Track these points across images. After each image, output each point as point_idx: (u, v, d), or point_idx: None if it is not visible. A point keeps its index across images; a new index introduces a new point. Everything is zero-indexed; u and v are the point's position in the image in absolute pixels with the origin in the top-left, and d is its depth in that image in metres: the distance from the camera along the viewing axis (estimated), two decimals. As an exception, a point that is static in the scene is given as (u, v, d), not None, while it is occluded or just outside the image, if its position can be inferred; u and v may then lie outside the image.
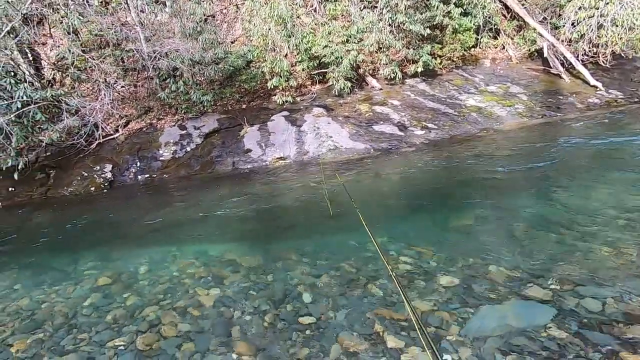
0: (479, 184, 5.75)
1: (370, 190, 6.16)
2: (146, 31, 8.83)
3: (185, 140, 9.00)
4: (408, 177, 6.50)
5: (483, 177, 6.01)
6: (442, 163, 6.88)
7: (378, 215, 5.19)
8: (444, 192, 5.70)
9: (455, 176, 6.22)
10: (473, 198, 5.31)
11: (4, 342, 3.15)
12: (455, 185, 5.85)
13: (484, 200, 5.15)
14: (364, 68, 10.70)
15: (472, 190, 5.59)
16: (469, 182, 5.88)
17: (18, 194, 7.95)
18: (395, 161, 7.40)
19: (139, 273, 4.18)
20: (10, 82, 7.27)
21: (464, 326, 2.83)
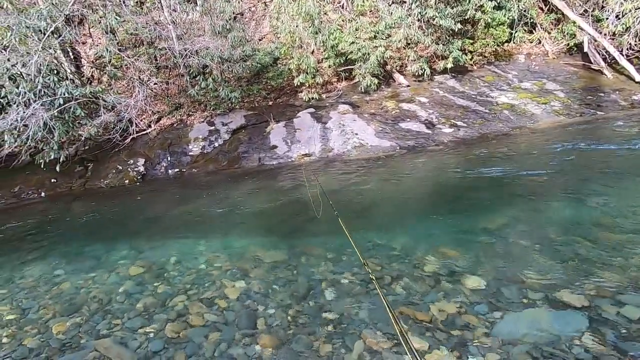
0: (511, 185, 5.55)
1: (395, 189, 6.08)
2: (178, 29, 9.10)
3: (214, 136, 9.22)
4: (434, 176, 6.36)
5: (515, 177, 5.78)
6: (471, 162, 6.68)
7: (403, 214, 5.12)
8: (473, 192, 5.53)
9: (485, 176, 6.01)
10: (504, 199, 5.12)
11: (47, 324, 3.37)
12: (485, 185, 5.65)
13: (515, 201, 4.96)
14: (391, 64, 10.54)
15: (503, 190, 5.40)
16: (499, 182, 5.67)
17: (59, 185, 8.45)
18: (421, 159, 7.26)
19: (168, 264, 4.34)
20: (53, 79, 7.71)
21: (491, 330, 2.75)
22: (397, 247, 4.12)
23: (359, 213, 5.32)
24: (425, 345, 2.68)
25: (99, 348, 2.95)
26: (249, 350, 2.81)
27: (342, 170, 7.21)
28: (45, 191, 8.35)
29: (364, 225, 4.85)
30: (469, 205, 5.16)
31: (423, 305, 3.11)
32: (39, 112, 7.37)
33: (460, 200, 5.38)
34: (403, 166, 7.09)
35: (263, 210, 5.91)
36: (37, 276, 4.39)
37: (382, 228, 4.71)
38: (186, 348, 2.88)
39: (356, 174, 6.89)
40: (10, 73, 7.54)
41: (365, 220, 5.04)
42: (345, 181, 6.56)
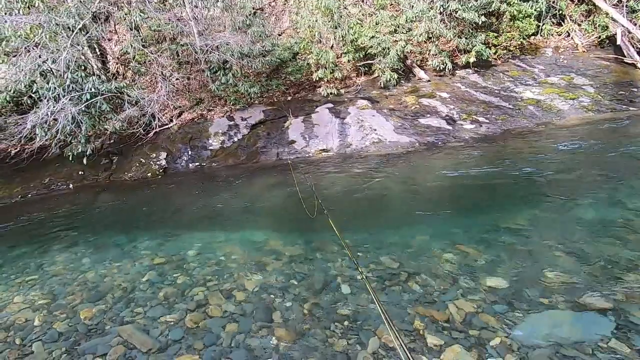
0: (535, 183, 5.37)
1: (414, 185, 6.00)
2: (199, 25, 9.22)
3: (233, 131, 9.34)
4: (455, 173, 6.23)
5: (539, 175, 5.60)
6: (493, 159, 6.51)
7: (421, 210, 5.05)
8: (495, 190, 5.40)
9: (507, 173, 5.85)
10: (527, 197, 4.98)
11: (74, 309, 3.53)
12: (508, 183, 5.50)
13: (539, 200, 4.80)
14: (411, 59, 10.38)
15: (527, 188, 5.24)
16: (523, 180, 5.51)
17: (86, 177, 8.78)
18: (441, 156, 7.13)
19: (188, 255, 4.45)
20: (81, 75, 7.98)
21: (511, 331, 2.69)
22: (414, 244, 4.08)
23: (376, 209, 5.29)
24: (441, 342, 2.65)
25: (123, 334, 3.06)
26: (265, 342, 2.85)
27: (360, 166, 7.17)
28: (73, 183, 8.70)
29: (381, 222, 4.83)
30: (491, 203, 5.04)
31: (440, 303, 3.07)
32: (67, 106, 7.66)
33: (481, 198, 5.27)
34: (422, 162, 6.99)
35: (280, 204, 5.96)
36: (66, 263, 4.60)
37: (400, 224, 4.67)
38: (204, 338, 2.95)
39: (374, 169, 6.84)
40: (41, 69, 7.85)
41: (382, 216, 5.01)
42: (363, 177, 6.52)
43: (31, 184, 8.84)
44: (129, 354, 2.84)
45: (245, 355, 2.74)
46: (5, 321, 3.44)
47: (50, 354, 2.93)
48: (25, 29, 7.81)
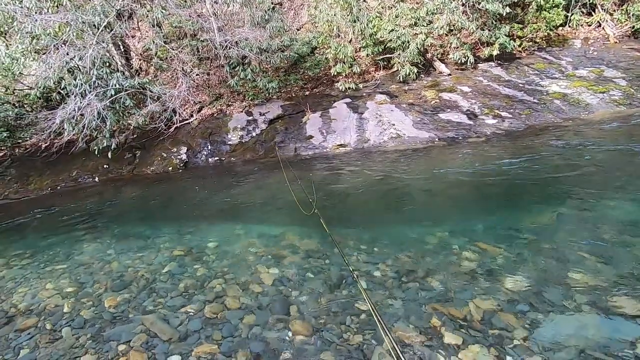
0: (560, 180, 5.19)
1: (433, 181, 5.90)
2: (219, 21, 9.32)
3: (251, 126, 9.43)
4: (475, 169, 6.09)
5: (565, 172, 5.40)
6: (516, 155, 6.32)
7: (440, 207, 4.98)
8: (518, 187, 5.24)
9: (531, 170, 5.67)
10: (552, 195, 4.81)
11: (100, 298, 3.67)
12: (532, 180, 5.33)
13: (564, 198, 4.64)
14: (432, 52, 10.16)
15: (552, 186, 5.07)
16: (548, 177, 5.33)
17: (111, 171, 9.08)
18: (462, 152, 6.98)
19: (207, 247, 4.54)
20: (106, 71, 8.23)
21: (532, 332, 2.62)
22: (432, 241, 4.02)
23: (393, 205, 5.24)
24: (459, 341, 2.62)
25: (145, 323, 3.17)
26: (282, 335, 2.89)
27: (377, 161, 7.11)
28: (98, 176, 9.02)
29: (398, 217, 4.78)
30: (513, 201, 4.90)
31: (458, 301, 3.02)
32: (93, 102, 7.91)
33: (503, 195, 5.13)
34: (442, 158, 6.86)
35: (297, 199, 5.98)
36: (92, 253, 4.79)
37: (418, 221, 4.61)
38: (223, 329, 3.02)
39: (392, 165, 6.77)
40: (69, 66, 8.14)
41: (400, 212, 4.97)
42: (380, 172, 6.47)
43: (60, 177, 9.23)
44: (150, 342, 2.94)
45: (262, 346, 2.78)
46: (38, 307, 3.62)
47: (77, 339, 3.07)
48: (54, 27, 8.10)
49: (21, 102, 10.37)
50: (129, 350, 2.86)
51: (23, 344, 3.08)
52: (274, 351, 2.74)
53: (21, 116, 9.54)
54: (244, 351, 2.74)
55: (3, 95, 10.01)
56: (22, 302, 3.75)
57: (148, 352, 2.83)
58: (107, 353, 2.87)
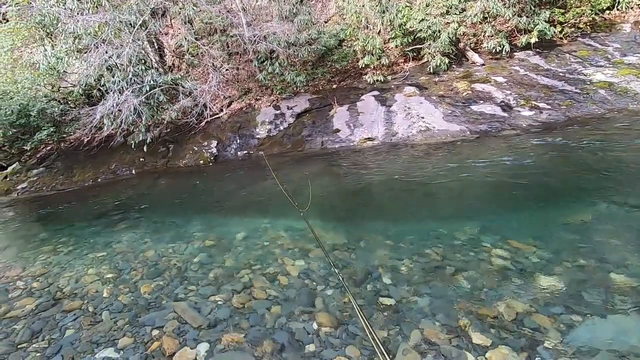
0: (602, 176, 4.86)
1: (463, 175, 5.71)
2: (248, 16, 9.43)
3: (279, 120, 9.52)
4: (509, 163, 5.83)
5: (608, 167, 5.05)
6: (555, 148, 5.99)
7: (471, 202, 4.82)
8: (556, 183, 4.97)
9: (570, 165, 5.36)
10: (593, 192, 4.52)
11: (136, 284, 3.88)
12: (571, 176, 5.04)
13: (607, 195, 4.34)
14: (464, 42, 9.77)
15: (593, 182, 4.76)
16: (589, 173, 5.00)
17: (146, 164, 9.50)
18: (495, 145, 6.69)
19: (236, 239, 4.67)
20: (141, 68, 8.57)
21: (567, 335, 2.50)
22: (462, 237, 3.91)
23: (421, 199, 5.13)
24: (488, 342, 2.54)
25: (177, 310, 3.31)
26: (307, 327, 2.93)
27: (405, 155, 6.98)
28: (135, 168, 9.47)
29: (426, 212, 4.69)
30: (549, 197, 4.66)
31: (488, 300, 2.93)
32: (130, 98, 8.29)
33: (539, 191, 4.88)
34: (473, 152, 6.62)
35: (323, 193, 6.01)
36: (129, 242, 5.06)
37: (446, 216, 4.49)
38: (249, 318, 3.10)
39: (420, 159, 6.62)
40: (108, 64, 8.55)
41: (428, 207, 4.86)
42: (408, 166, 6.35)
43: (100, 170, 9.78)
44: (182, 328, 3.07)
45: (287, 337, 2.84)
46: (81, 291, 3.88)
47: (115, 323, 3.26)
48: (94, 27, 8.51)
49: (65, 99, 11.05)
50: (162, 335, 3.01)
51: (68, 324, 3.31)
52: (298, 342, 2.78)
53: (66, 112, 10.17)
54: (269, 341, 2.81)
55: (49, 93, 10.70)
56: (68, 285, 4.03)
57: (179, 337, 2.97)
58: (143, 337, 3.03)
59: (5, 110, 9.40)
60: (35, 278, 4.30)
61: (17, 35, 10.15)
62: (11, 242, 6.15)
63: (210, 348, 2.81)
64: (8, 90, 9.68)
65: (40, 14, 8.83)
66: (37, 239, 5.87)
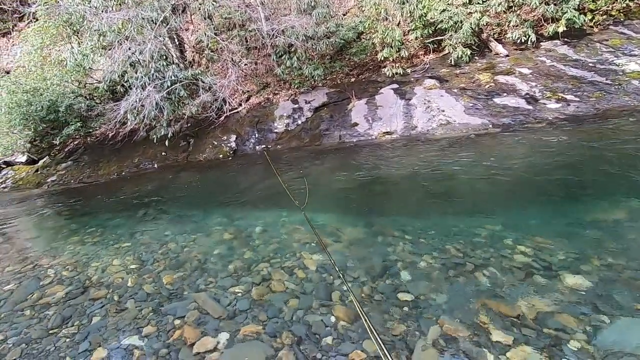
0: (634, 173, 4.63)
1: (486, 170, 5.57)
2: (266, 10, 9.43)
3: (297, 114, 9.54)
4: (534, 158, 5.65)
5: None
6: (582, 143, 5.75)
7: (494, 197, 4.70)
8: (584, 178, 4.78)
9: (601, 160, 5.13)
10: (623, 189, 4.32)
11: (159, 275, 4.00)
12: (601, 171, 4.83)
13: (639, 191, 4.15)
14: (487, 32, 9.47)
15: (623, 179, 4.54)
16: (618, 169, 4.78)
17: (168, 158, 9.73)
18: (518, 139, 6.49)
19: (254, 232, 4.73)
20: (163, 64, 8.74)
21: (595, 336, 2.41)
22: (482, 233, 3.82)
23: (441, 195, 5.04)
24: (509, 340, 2.48)
25: (198, 300, 3.40)
26: (325, 320, 2.94)
27: (425, 149, 6.86)
28: (157, 162, 9.71)
29: (446, 208, 4.60)
30: (575, 193, 4.49)
31: (510, 298, 2.86)
32: (152, 93, 8.48)
33: (565, 186, 4.71)
34: (495, 146, 6.44)
35: (342, 187, 5.99)
36: (152, 234, 5.21)
37: (467, 212, 4.40)
38: (268, 310, 3.15)
39: (440, 153, 6.50)
40: (131, 60, 8.76)
41: (447, 203, 4.77)
42: (428, 161, 6.24)
43: (125, 163, 10.08)
44: (202, 319, 3.15)
45: (305, 330, 2.86)
46: (107, 280, 4.03)
47: (140, 311, 3.38)
48: (117, 24, 8.72)
49: (91, 94, 11.42)
50: (183, 324, 3.10)
51: (95, 311, 3.46)
52: (316, 335, 2.80)
53: (91, 108, 10.52)
54: (287, 333, 2.84)
55: (76, 89, 11.07)
56: (95, 275, 4.20)
57: (200, 327, 3.04)
58: (165, 325, 3.12)
59: (36, 106, 9.81)
60: (64, 267, 4.50)
61: (46, 33, 10.52)
62: (42, 232, 6.46)
63: (230, 338, 2.87)
64: (38, 87, 10.08)
65: (67, 13, 9.12)
66: (66, 229, 6.13)
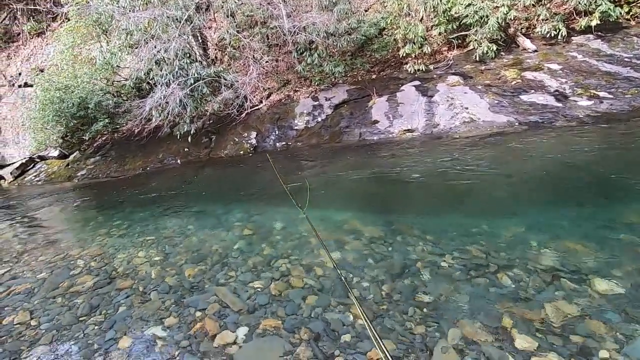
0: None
1: (511, 169, 5.41)
2: (287, 7, 9.46)
3: (317, 111, 9.54)
4: (563, 157, 5.43)
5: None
6: (616, 142, 5.48)
7: (519, 198, 4.55)
8: (617, 179, 4.56)
9: (636, 161, 4.88)
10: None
11: (181, 268, 4.10)
12: (633, 172, 4.59)
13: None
14: (515, 27, 9.15)
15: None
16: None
17: (190, 154, 9.95)
18: (546, 138, 6.25)
19: (274, 228, 4.77)
20: (186, 62, 8.93)
21: (626, 345, 2.30)
22: (506, 235, 3.71)
23: (463, 194, 4.93)
24: (534, 346, 2.41)
25: (218, 294, 3.47)
26: (342, 318, 2.94)
27: (447, 147, 6.72)
28: (180, 158, 9.95)
29: (468, 208, 4.49)
30: (607, 195, 4.28)
31: (534, 302, 2.77)
32: (176, 91, 8.68)
33: (595, 187, 4.50)
34: (521, 145, 6.23)
35: (361, 185, 5.96)
36: (175, 228, 5.35)
37: (490, 212, 4.28)
38: (287, 306, 3.17)
39: (463, 152, 6.35)
40: (156, 58, 8.99)
41: (469, 202, 4.66)
42: (450, 159, 6.11)
43: (149, 159, 10.38)
44: (222, 312, 3.21)
45: (323, 327, 2.87)
46: (132, 272, 4.17)
47: (163, 302, 3.48)
48: (144, 23, 8.97)
49: (119, 92, 11.80)
50: (204, 317, 3.17)
51: (121, 301, 3.58)
52: (334, 332, 2.81)
53: (119, 105, 10.88)
54: (305, 329, 2.86)
55: (105, 87, 11.47)
56: (121, 266, 4.35)
57: (220, 320, 3.10)
58: (187, 317, 3.21)
59: (68, 103, 10.23)
60: (93, 258, 4.69)
61: (77, 33, 10.95)
62: (73, 224, 6.75)
63: (249, 332, 2.91)
64: (70, 84, 10.51)
65: (97, 12, 9.45)
66: (94, 221, 6.39)
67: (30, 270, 4.56)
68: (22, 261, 4.93)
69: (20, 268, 4.70)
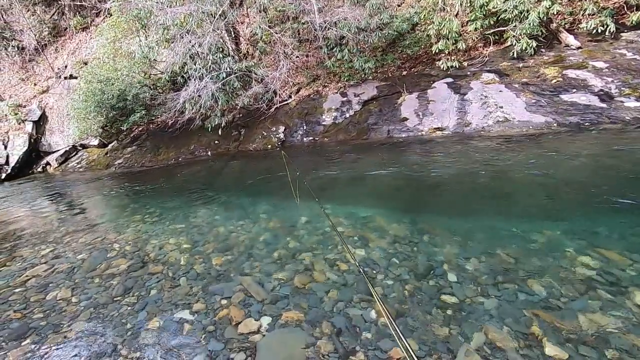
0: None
1: (548, 172, 5.17)
2: (319, 3, 9.44)
3: (345, 107, 9.50)
4: (606, 161, 5.13)
5: None
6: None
7: (554, 202, 4.35)
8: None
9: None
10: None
11: (209, 256, 4.25)
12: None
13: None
14: (557, 22, 8.68)
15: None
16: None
17: (220, 146, 10.21)
18: (587, 140, 5.92)
19: (299, 222, 4.83)
20: (219, 56, 9.14)
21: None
22: (540, 240, 3.57)
23: (494, 195, 4.78)
24: (564, 356, 2.31)
25: (243, 283, 3.56)
26: (365, 314, 2.95)
27: (479, 147, 6.52)
28: (210, 150, 10.24)
29: (498, 209, 4.35)
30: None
31: (567, 311, 2.65)
32: (208, 84, 8.91)
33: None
34: (559, 147, 5.94)
35: (388, 183, 5.90)
36: (204, 218, 5.53)
37: (523, 216, 4.13)
38: (309, 299, 3.21)
39: (496, 152, 6.13)
40: (190, 52, 9.26)
41: (501, 204, 4.51)
42: (481, 160, 5.92)
43: (181, 150, 10.75)
44: (247, 301, 3.30)
45: (344, 322, 2.89)
46: (163, 258, 4.36)
47: (191, 288, 3.62)
48: (180, 18, 9.25)
49: (155, 84, 12.27)
50: (229, 305, 3.27)
51: (153, 285, 3.76)
52: (355, 328, 2.82)
53: (154, 97, 11.31)
54: (327, 323, 2.89)
55: (142, 80, 11.96)
56: (153, 252, 4.56)
57: (245, 309, 3.19)
58: (213, 304, 3.32)
59: (108, 94, 10.76)
60: (127, 242, 4.94)
61: (118, 28, 11.47)
62: (110, 209, 7.13)
63: (272, 322, 2.98)
64: (110, 77, 11.04)
65: (137, 8, 9.83)
66: (129, 208, 6.72)
67: (72, 251, 4.88)
68: (64, 242, 5.28)
69: (62, 248, 5.04)
